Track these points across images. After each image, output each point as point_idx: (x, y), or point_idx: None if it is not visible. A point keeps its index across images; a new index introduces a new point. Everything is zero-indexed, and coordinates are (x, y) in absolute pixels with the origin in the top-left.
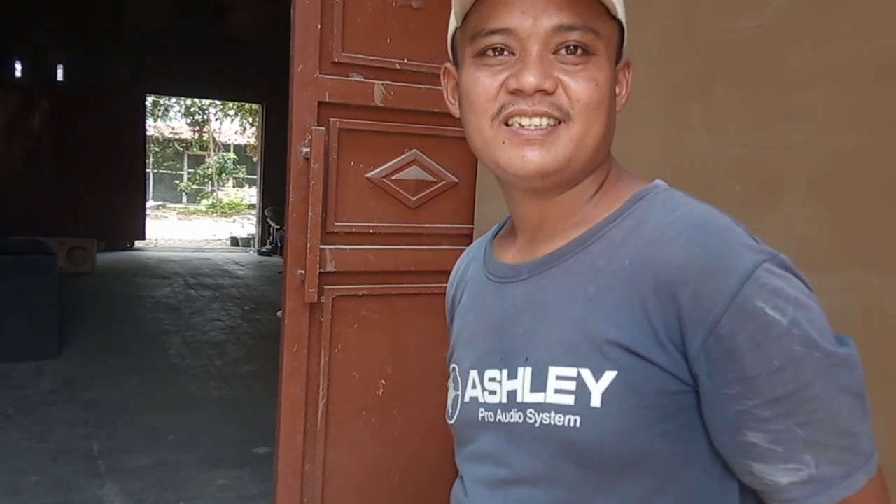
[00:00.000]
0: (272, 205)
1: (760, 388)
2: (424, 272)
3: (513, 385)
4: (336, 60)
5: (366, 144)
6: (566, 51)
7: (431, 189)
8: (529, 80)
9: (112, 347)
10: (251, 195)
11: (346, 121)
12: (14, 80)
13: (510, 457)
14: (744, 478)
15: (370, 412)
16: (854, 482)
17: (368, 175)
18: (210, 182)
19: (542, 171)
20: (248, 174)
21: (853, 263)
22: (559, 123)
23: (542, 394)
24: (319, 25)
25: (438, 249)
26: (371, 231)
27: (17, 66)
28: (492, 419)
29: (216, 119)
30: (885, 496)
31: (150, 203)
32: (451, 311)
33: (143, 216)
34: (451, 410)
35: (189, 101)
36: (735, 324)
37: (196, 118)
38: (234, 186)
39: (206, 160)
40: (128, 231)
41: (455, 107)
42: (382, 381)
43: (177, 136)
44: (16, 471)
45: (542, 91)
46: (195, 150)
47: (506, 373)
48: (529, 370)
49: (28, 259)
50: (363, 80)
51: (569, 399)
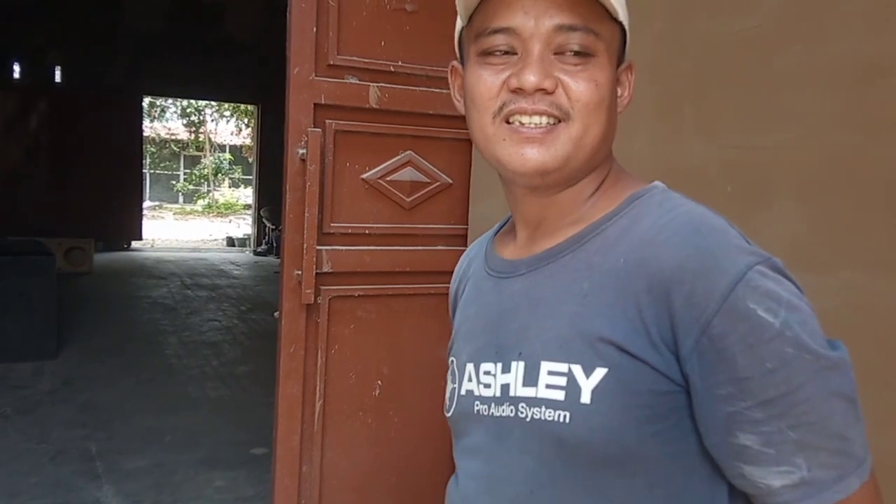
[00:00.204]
0: (268, 205)
1: (753, 390)
2: (420, 272)
3: (506, 379)
4: (331, 63)
5: (361, 146)
6: (567, 51)
7: (426, 190)
8: (530, 80)
9: (110, 348)
10: (247, 195)
11: (342, 122)
12: (12, 82)
13: (500, 452)
14: (735, 481)
15: (367, 413)
16: (846, 486)
17: (364, 176)
18: (206, 182)
19: (541, 169)
20: (244, 174)
21: (844, 263)
22: (559, 122)
23: (534, 388)
24: (315, 29)
25: (433, 250)
26: (367, 232)
27: (16, 68)
28: (486, 412)
29: (212, 120)
30: (878, 500)
31: (147, 203)
32: (454, 306)
33: (140, 217)
34: (449, 403)
35: (185, 102)
36: (727, 324)
37: (192, 119)
38: (230, 187)
39: (203, 161)
40: (125, 231)
41: (461, 104)
42: (379, 382)
43: (173, 137)
44: (14, 472)
45: (543, 90)
46: (191, 151)
47: (500, 366)
48: (522, 364)
49: (27, 259)
50: (358, 83)
51: (559, 394)
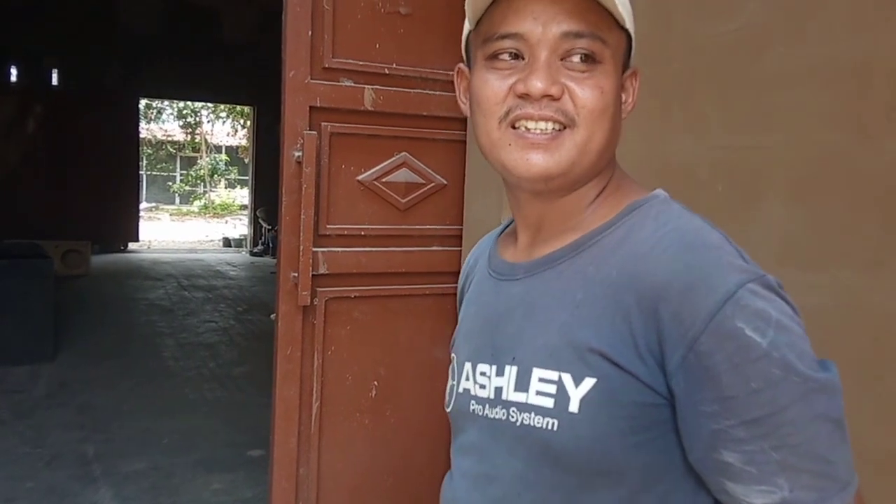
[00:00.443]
0: (263, 205)
1: (737, 409)
2: (415, 273)
3: (500, 382)
4: (327, 66)
5: (356, 148)
6: (574, 58)
7: (421, 191)
8: (537, 86)
9: (106, 350)
10: (243, 196)
11: (337, 125)
12: (10, 85)
13: (492, 452)
14: (719, 496)
15: (363, 414)
16: None
17: (359, 178)
18: (202, 183)
19: (546, 175)
20: (240, 175)
21: (834, 261)
22: (564, 129)
23: (525, 394)
24: (310, 32)
25: (429, 251)
26: (362, 233)
27: (13, 71)
28: (481, 412)
29: (208, 121)
30: None
31: (144, 205)
32: (460, 301)
33: (137, 218)
34: (448, 399)
35: (181, 104)
36: (714, 343)
37: (188, 120)
38: (226, 187)
39: (199, 162)
40: (122, 233)
41: (466, 107)
42: (375, 383)
43: (169, 139)
44: (10, 477)
45: (549, 96)
46: (187, 152)
47: (495, 369)
48: (515, 369)
49: (25, 263)
50: (353, 85)
51: (549, 402)
